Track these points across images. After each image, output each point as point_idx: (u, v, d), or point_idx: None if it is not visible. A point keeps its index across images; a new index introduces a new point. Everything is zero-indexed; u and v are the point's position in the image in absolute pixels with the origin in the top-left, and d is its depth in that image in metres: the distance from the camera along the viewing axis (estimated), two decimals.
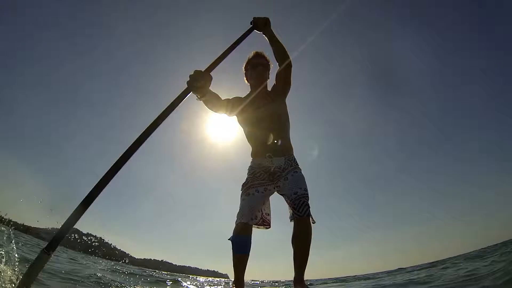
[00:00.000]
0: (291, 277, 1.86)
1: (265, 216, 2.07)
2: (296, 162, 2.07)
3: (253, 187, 2.00)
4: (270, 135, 2.05)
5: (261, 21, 2.11)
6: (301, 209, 1.87)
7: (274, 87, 2.23)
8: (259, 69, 2.18)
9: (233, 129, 2.36)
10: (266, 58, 2.23)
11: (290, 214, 1.97)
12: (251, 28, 2.11)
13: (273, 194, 2.08)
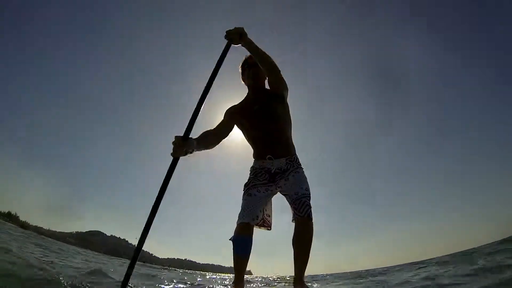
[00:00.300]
0: (291, 272, 1.85)
1: (266, 217, 2.05)
2: (298, 162, 2.03)
3: (255, 187, 1.99)
4: (269, 137, 2.02)
5: (234, 35, 1.92)
6: (302, 209, 1.84)
7: (272, 88, 2.16)
8: (255, 69, 2.10)
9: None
10: None
11: (292, 215, 1.94)
12: (228, 43, 1.95)
13: (276, 195, 2.05)
